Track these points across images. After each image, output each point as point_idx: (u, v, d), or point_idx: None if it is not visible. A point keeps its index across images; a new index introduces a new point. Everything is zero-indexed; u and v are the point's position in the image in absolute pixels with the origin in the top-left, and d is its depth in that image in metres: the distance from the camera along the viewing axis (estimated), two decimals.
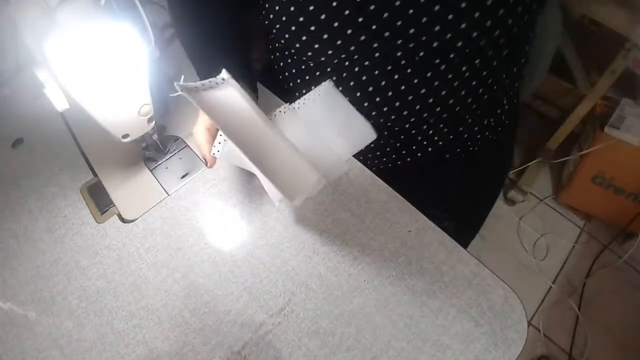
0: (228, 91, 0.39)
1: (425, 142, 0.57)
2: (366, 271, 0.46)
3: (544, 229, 1.41)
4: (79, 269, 0.48)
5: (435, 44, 0.46)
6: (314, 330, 0.43)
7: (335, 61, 0.51)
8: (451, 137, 0.57)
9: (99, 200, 0.54)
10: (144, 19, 0.48)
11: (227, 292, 0.45)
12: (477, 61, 0.49)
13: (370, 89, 0.52)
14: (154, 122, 0.49)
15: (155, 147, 0.56)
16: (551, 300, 1.28)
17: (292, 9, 0.48)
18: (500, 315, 0.43)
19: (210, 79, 0.38)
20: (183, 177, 0.55)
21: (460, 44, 0.46)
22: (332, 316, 0.43)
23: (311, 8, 0.46)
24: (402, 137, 0.56)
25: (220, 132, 0.46)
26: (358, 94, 0.53)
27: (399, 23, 0.45)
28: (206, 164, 0.48)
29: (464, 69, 0.49)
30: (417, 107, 0.52)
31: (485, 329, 0.42)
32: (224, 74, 0.37)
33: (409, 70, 0.49)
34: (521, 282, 1.28)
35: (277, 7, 0.49)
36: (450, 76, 0.49)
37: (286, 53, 0.57)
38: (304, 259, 0.47)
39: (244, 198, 0.52)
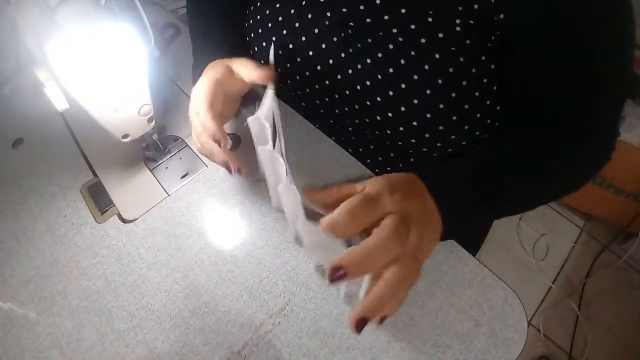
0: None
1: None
2: None
3: (544, 229, 1.41)
4: (79, 269, 0.48)
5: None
6: (314, 330, 0.43)
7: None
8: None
9: (99, 200, 0.54)
10: (144, 19, 0.48)
11: (227, 292, 0.45)
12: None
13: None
14: (154, 122, 0.50)
15: (155, 147, 0.56)
16: (551, 300, 1.28)
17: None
18: (500, 315, 0.43)
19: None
20: (183, 177, 0.55)
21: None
22: (332, 316, 0.43)
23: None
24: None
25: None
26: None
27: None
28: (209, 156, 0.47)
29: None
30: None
31: (485, 329, 0.42)
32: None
33: None
34: (521, 282, 1.29)
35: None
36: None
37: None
38: (304, 258, 0.47)
39: (244, 198, 0.52)
